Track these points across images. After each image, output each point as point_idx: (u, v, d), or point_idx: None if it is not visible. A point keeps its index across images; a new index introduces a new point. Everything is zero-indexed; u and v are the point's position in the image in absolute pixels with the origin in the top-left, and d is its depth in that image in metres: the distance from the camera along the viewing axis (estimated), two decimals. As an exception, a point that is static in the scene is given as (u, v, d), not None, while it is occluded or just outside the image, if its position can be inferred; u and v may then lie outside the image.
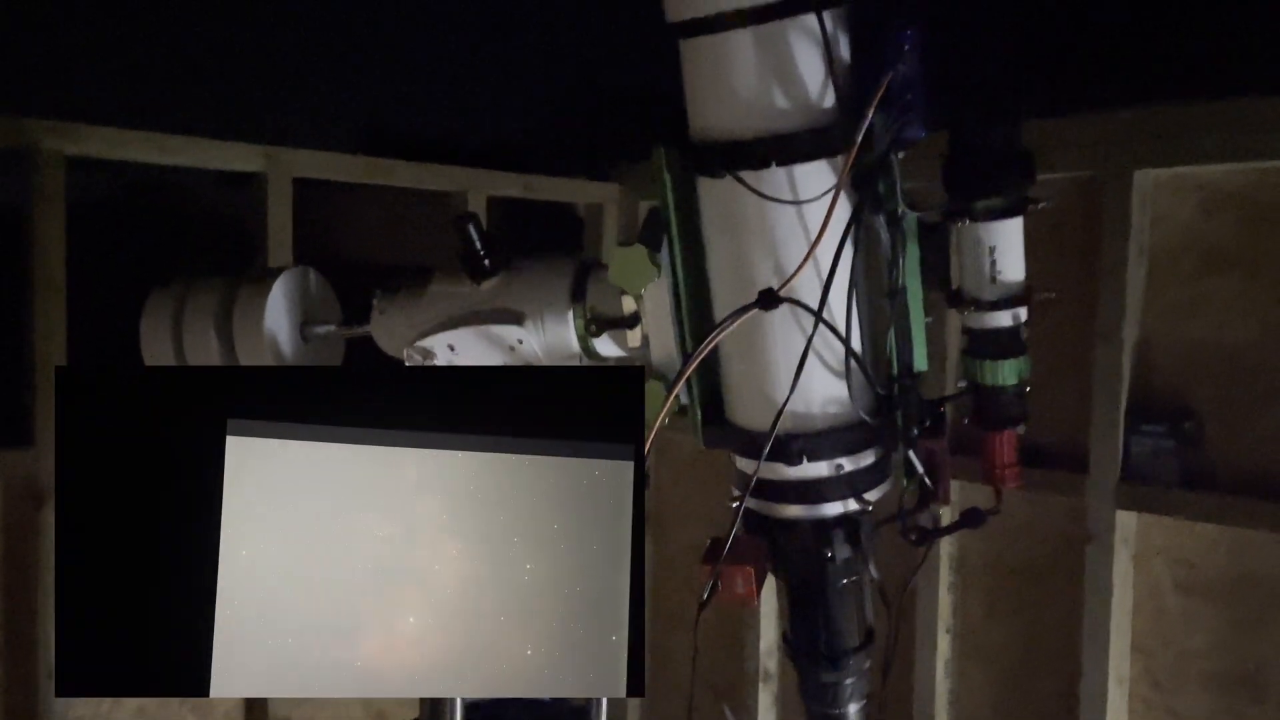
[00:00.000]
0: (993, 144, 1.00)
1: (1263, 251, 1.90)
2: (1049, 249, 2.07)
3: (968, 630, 2.30)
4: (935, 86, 0.95)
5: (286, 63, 2.14)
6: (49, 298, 1.79)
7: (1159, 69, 1.99)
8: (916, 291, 1.06)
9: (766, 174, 0.96)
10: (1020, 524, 2.20)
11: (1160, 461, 1.96)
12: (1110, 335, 2.00)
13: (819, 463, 1.05)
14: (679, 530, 2.73)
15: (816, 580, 1.10)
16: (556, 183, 2.66)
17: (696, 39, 0.97)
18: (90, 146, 1.85)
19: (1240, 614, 1.94)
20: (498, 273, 1.21)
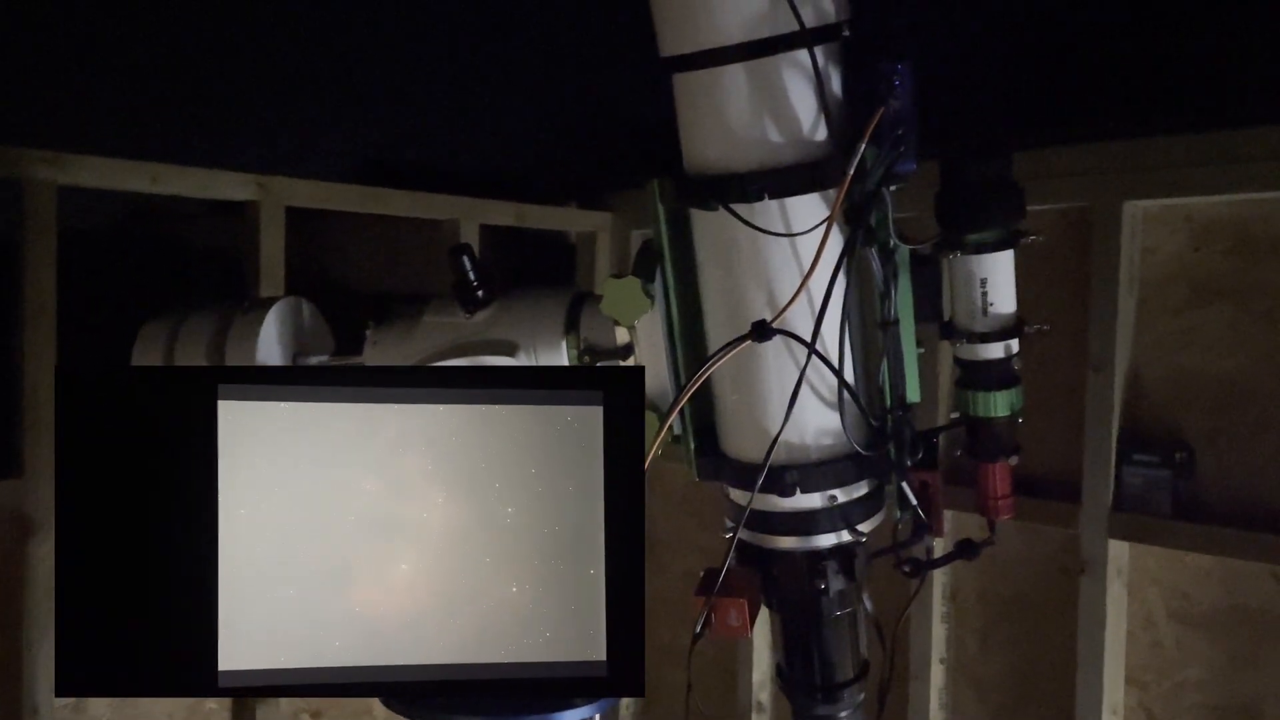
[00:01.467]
0: (984, 178, 1.01)
1: (1252, 282, 1.91)
2: (1040, 280, 2.08)
3: (962, 661, 2.29)
4: (927, 121, 0.95)
5: (279, 92, 2.15)
6: (40, 328, 1.78)
7: (1148, 102, 2.01)
8: (909, 323, 1.06)
9: (759, 207, 0.97)
10: (1014, 554, 2.20)
11: (1153, 492, 1.96)
12: (1102, 366, 2.00)
13: (812, 494, 1.05)
14: (672, 561, 2.71)
15: (810, 612, 1.09)
16: (549, 211, 2.67)
17: (690, 73, 0.97)
18: (82, 176, 1.84)
19: (1235, 645, 1.93)
20: (491, 303, 1.21)
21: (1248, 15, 1.83)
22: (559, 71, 2.31)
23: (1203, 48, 1.92)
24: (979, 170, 1.01)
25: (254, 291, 2.04)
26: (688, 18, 0.96)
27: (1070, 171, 2.01)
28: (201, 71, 2.04)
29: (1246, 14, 1.83)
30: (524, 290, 1.23)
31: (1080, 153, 2.01)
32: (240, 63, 2.05)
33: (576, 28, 2.11)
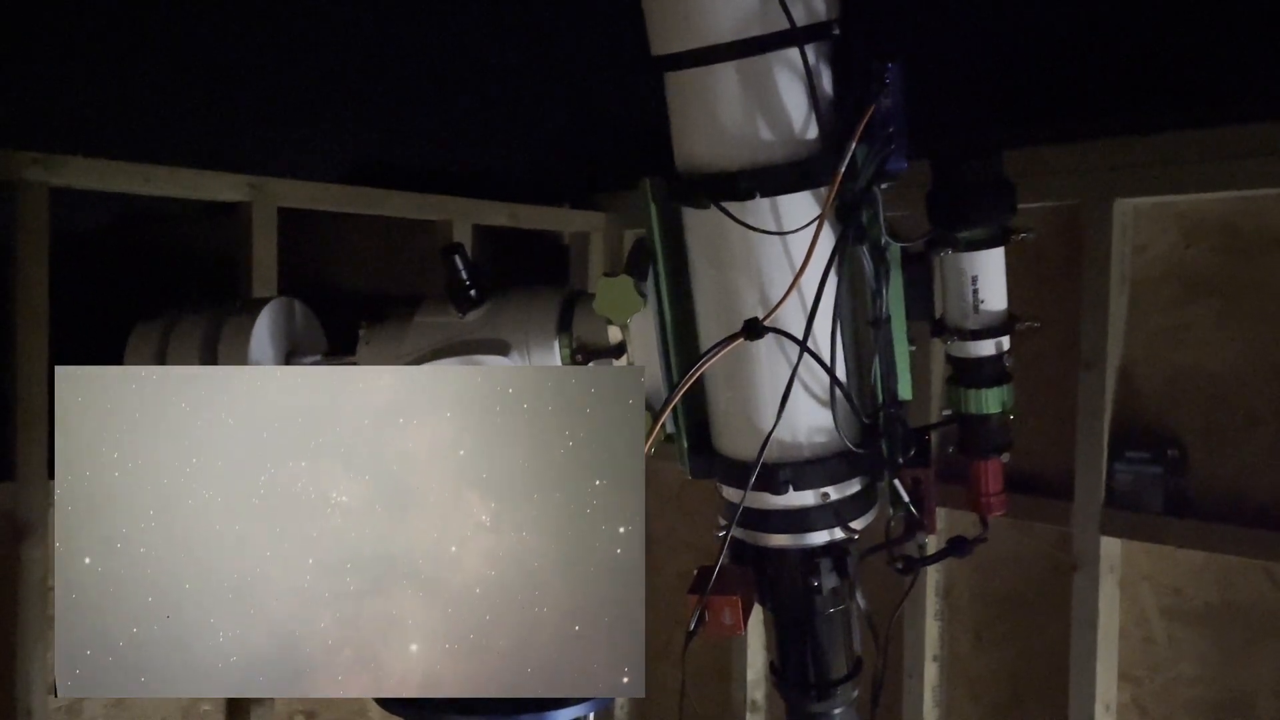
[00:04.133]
0: (974, 176, 1.01)
1: (1242, 279, 1.91)
2: (1031, 278, 2.08)
3: (955, 659, 2.30)
4: (917, 119, 0.96)
5: (271, 92, 2.14)
6: (32, 330, 1.78)
7: (1139, 99, 2.01)
8: (900, 320, 1.07)
9: (751, 205, 0.97)
10: (1006, 552, 2.20)
11: (1145, 488, 1.97)
12: (1093, 363, 2.01)
13: (805, 492, 1.06)
14: (666, 559, 2.72)
15: (804, 610, 1.10)
16: (542, 212, 2.67)
17: (681, 72, 0.98)
18: (74, 178, 1.84)
19: (1227, 641, 1.94)
20: (484, 303, 1.21)
21: (1237, 12, 1.83)
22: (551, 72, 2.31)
23: (1193, 45, 1.93)
24: (970, 168, 1.01)
25: (246, 292, 2.04)
26: (679, 16, 0.96)
27: (1061, 169, 2.02)
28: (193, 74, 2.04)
29: (1236, 11, 1.83)
30: (517, 290, 1.24)
31: (1071, 150, 2.02)
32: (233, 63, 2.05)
33: (569, 28, 2.11)
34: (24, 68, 1.87)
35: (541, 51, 2.21)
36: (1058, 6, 1.95)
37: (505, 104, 2.42)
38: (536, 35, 2.16)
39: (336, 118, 2.35)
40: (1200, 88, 1.95)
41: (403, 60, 2.18)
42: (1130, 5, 1.91)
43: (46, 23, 1.81)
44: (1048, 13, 1.96)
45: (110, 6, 1.79)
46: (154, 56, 1.97)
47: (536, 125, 2.58)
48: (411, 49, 2.15)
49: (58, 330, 1.81)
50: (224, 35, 1.96)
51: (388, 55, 2.16)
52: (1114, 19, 1.94)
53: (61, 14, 1.79)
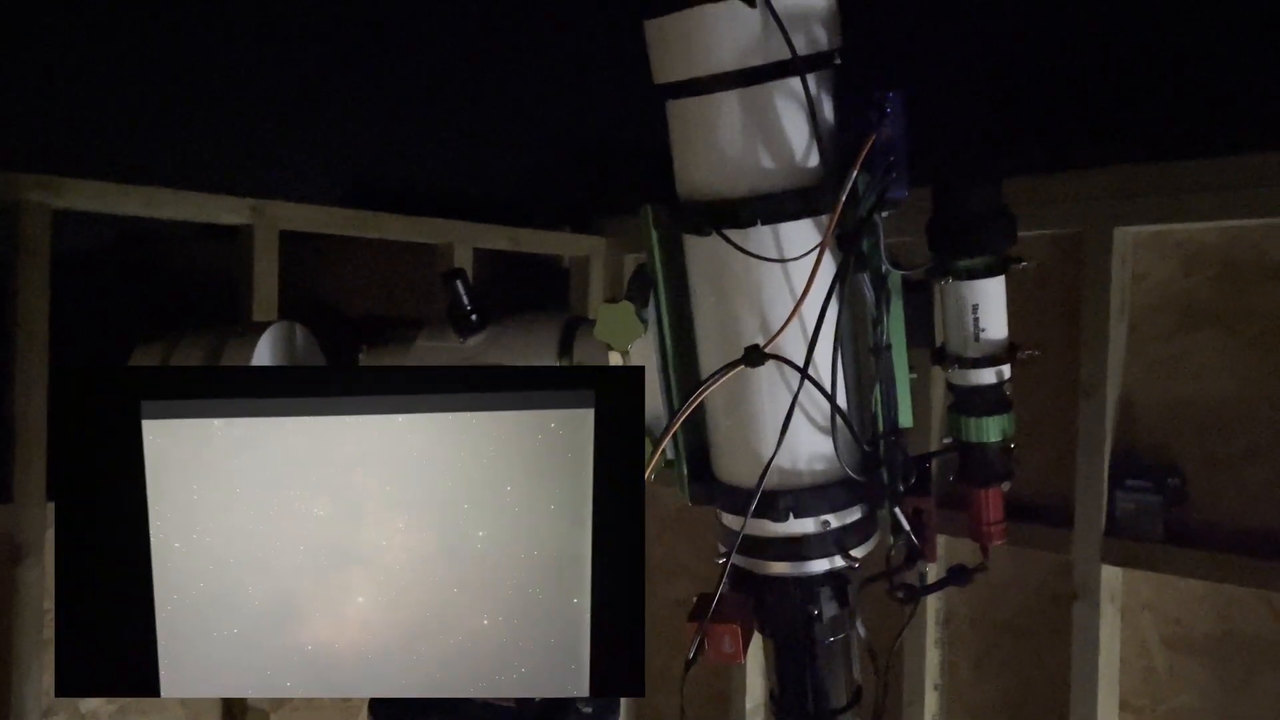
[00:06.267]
0: (975, 205, 1.02)
1: (1241, 308, 1.92)
2: (1031, 305, 2.09)
3: (956, 687, 2.28)
4: (918, 148, 0.96)
5: (273, 116, 2.16)
6: (31, 352, 1.77)
7: (1138, 129, 2.02)
8: (901, 348, 1.07)
9: (752, 232, 0.97)
10: (1007, 580, 2.20)
11: (1145, 517, 1.96)
12: (1093, 391, 2.01)
13: (805, 519, 1.05)
14: (665, 586, 2.71)
15: (803, 638, 1.09)
16: (543, 235, 2.68)
17: (683, 100, 0.98)
18: (76, 200, 1.84)
19: (1228, 671, 1.93)
20: (485, 328, 1.21)
21: (1237, 43, 1.85)
22: (554, 97, 2.32)
23: (1192, 75, 1.94)
24: (970, 197, 1.02)
25: (247, 314, 2.04)
26: (681, 45, 0.96)
27: (1062, 198, 2.03)
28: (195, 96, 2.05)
29: (1236, 42, 1.85)
30: (517, 315, 1.24)
31: (1071, 179, 2.02)
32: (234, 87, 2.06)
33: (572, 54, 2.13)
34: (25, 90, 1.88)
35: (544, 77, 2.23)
36: (1059, 36, 1.96)
37: (508, 129, 2.43)
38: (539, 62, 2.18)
39: (339, 141, 2.36)
40: (1200, 118, 1.96)
41: (404, 83, 2.20)
42: (1131, 35, 1.92)
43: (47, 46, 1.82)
44: (1049, 41, 1.98)
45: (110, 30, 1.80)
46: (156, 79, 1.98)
47: (538, 150, 2.59)
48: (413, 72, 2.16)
49: (56, 353, 1.81)
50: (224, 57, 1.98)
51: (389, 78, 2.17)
52: (1115, 48, 1.95)
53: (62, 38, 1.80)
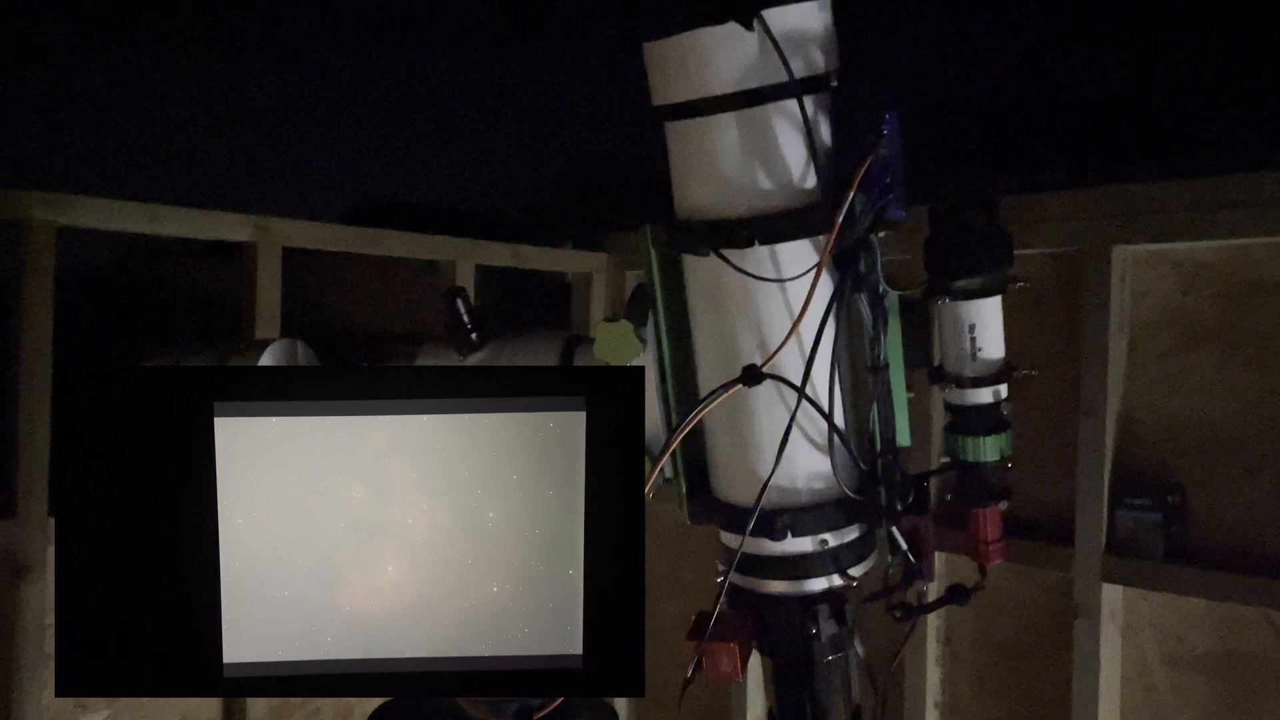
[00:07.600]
0: (971, 225, 1.02)
1: (1239, 326, 1.92)
2: (1030, 324, 2.09)
3: (956, 705, 2.28)
4: (915, 168, 0.97)
5: (277, 133, 2.17)
6: (36, 368, 1.78)
7: (1137, 147, 2.03)
8: (899, 367, 1.07)
9: (750, 252, 0.98)
10: (1007, 598, 2.19)
11: (1145, 535, 1.96)
12: (1093, 410, 2.01)
13: (803, 538, 1.05)
14: (663, 603, 2.70)
15: (802, 657, 1.09)
16: (545, 252, 2.69)
17: (682, 122, 0.99)
18: (81, 217, 1.84)
19: (1229, 690, 1.93)
20: (485, 346, 1.22)
21: (1236, 62, 1.86)
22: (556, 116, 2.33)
23: (1191, 94, 1.95)
24: (966, 217, 1.02)
25: (250, 331, 2.05)
26: (680, 68, 0.97)
27: (1060, 216, 2.03)
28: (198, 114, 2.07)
29: (1234, 61, 1.86)
30: (517, 333, 1.24)
31: (1070, 198, 2.03)
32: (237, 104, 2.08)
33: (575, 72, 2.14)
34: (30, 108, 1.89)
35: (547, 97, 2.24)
36: (1057, 56, 1.98)
37: (510, 147, 2.45)
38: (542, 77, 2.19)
39: (342, 158, 2.37)
40: (1198, 137, 1.97)
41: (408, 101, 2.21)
42: (1128, 56, 1.93)
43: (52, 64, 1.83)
44: (1047, 62, 1.99)
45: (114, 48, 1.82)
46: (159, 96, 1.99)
47: (541, 168, 2.60)
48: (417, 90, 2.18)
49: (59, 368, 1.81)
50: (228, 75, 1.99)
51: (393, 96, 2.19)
52: (1112, 69, 1.96)
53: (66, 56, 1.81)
